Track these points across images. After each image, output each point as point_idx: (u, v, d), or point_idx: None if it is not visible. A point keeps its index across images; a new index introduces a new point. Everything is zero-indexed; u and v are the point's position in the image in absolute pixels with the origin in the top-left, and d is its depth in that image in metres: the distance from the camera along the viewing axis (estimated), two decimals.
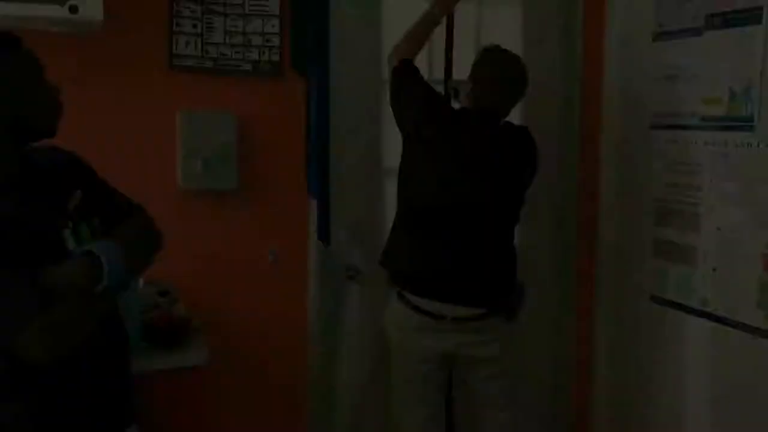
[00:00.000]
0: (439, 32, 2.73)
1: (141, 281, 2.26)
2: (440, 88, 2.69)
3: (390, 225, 2.64)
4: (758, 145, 2.32)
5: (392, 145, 2.67)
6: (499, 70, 2.35)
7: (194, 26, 2.41)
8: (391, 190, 2.72)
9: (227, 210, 2.52)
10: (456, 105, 2.49)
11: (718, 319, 2.49)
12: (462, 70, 2.50)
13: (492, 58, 2.37)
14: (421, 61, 2.68)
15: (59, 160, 1.61)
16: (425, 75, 2.71)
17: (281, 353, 2.65)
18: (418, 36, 2.52)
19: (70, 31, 2.24)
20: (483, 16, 2.80)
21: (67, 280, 1.41)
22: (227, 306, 2.54)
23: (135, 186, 2.37)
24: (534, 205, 2.91)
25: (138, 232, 1.65)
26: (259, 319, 2.60)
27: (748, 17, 2.34)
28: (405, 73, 2.42)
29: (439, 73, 2.77)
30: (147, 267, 1.77)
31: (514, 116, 2.50)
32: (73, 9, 2.00)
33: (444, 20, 2.69)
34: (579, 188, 3.03)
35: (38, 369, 1.38)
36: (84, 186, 1.61)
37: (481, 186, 2.31)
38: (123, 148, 2.38)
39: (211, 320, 2.38)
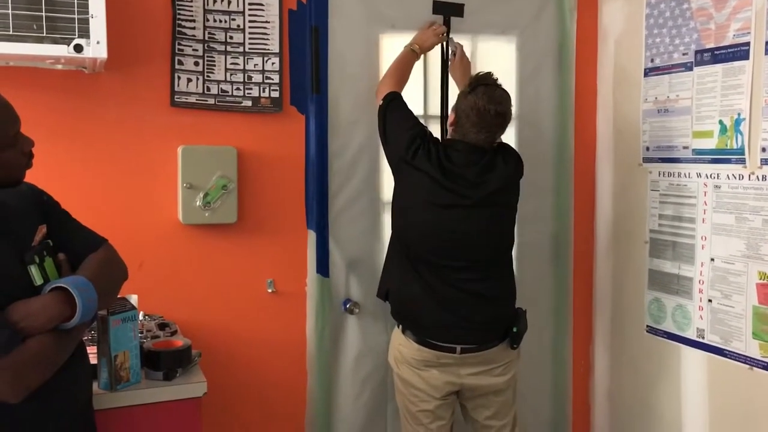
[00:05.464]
0: (435, 68, 2.80)
1: (141, 313, 2.29)
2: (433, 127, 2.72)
3: None
4: (749, 177, 2.36)
5: (390, 179, 2.71)
6: (483, 108, 2.24)
7: (196, 64, 2.46)
8: (389, 223, 2.76)
9: (227, 243, 2.54)
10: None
11: (714, 350, 2.51)
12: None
13: (477, 93, 2.27)
14: (418, 98, 2.74)
15: (23, 195, 1.59)
16: (421, 111, 2.77)
17: (280, 384, 2.65)
18: (401, 71, 2.57)
19: (75, 68, 2.29)
20: (478, 51, 2.84)
21: (40, 316, 1.41)
22: (226, 337, 2.55)
23: (136, 220, 2.43)
24: (530, 238, 2.96)
25: (104, 266, 1.63)
26: (258, 349, 2.60)
27: (735, 53, 2.40)
28: (391, 107, 2.43)
29: (435, 110, 2.81)
30: (114, 299, 1.78)
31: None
32: (78, 48, 2.03)
33: (438, 56, 2.76)
34: (575, 221, 3.06)
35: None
36: (49, 220, 1.61)
37: (471, 218, 2.30)
38: (124, 182, 2.41)
39: (210, 351, 2.39)
